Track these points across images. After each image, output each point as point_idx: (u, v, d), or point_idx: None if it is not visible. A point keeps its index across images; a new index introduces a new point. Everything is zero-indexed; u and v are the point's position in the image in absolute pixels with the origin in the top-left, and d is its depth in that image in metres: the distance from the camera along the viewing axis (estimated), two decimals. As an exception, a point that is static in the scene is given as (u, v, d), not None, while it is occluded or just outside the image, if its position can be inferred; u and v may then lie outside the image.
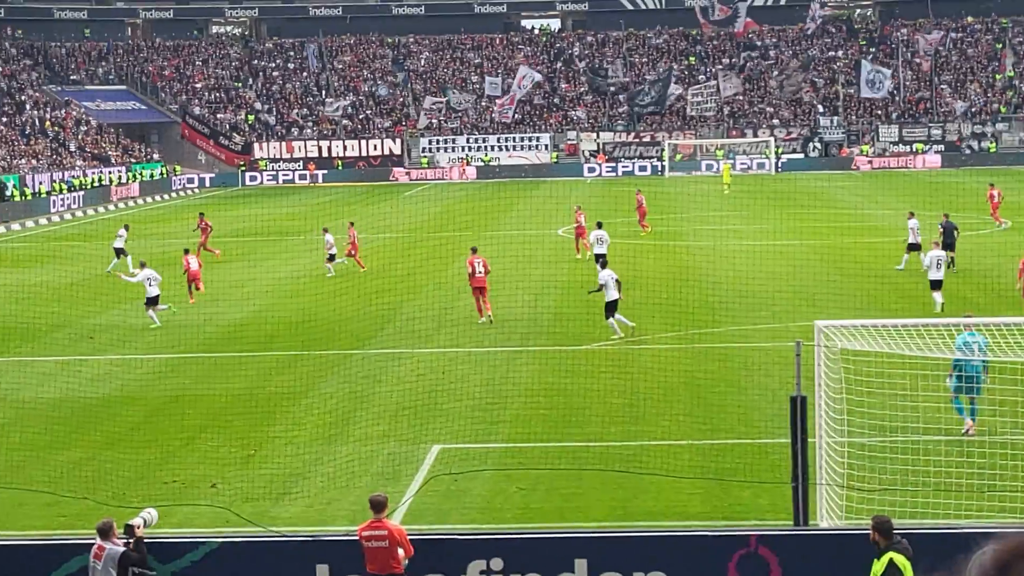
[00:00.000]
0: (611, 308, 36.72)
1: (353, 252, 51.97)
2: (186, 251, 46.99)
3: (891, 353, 20.37)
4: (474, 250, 40.94)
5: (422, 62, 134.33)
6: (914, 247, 48.03)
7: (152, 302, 40.97)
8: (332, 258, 51.36)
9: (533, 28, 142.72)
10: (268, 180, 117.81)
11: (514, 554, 17.32)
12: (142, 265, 42.51)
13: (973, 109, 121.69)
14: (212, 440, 27.00)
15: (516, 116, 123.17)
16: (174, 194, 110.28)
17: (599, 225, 50.94)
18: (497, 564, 17.28)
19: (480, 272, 39.89)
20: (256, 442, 26.63)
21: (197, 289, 45.29)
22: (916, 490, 21.07)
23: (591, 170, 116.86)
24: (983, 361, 24.04)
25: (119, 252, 54.13)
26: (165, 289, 42.49)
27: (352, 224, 53.68)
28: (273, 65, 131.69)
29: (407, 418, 27.94)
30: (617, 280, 36.86)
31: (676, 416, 27.58)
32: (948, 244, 46.40)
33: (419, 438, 26.32)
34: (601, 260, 42.53)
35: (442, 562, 17.29)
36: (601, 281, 36.87)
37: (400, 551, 16.44)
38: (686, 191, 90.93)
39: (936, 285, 39.98)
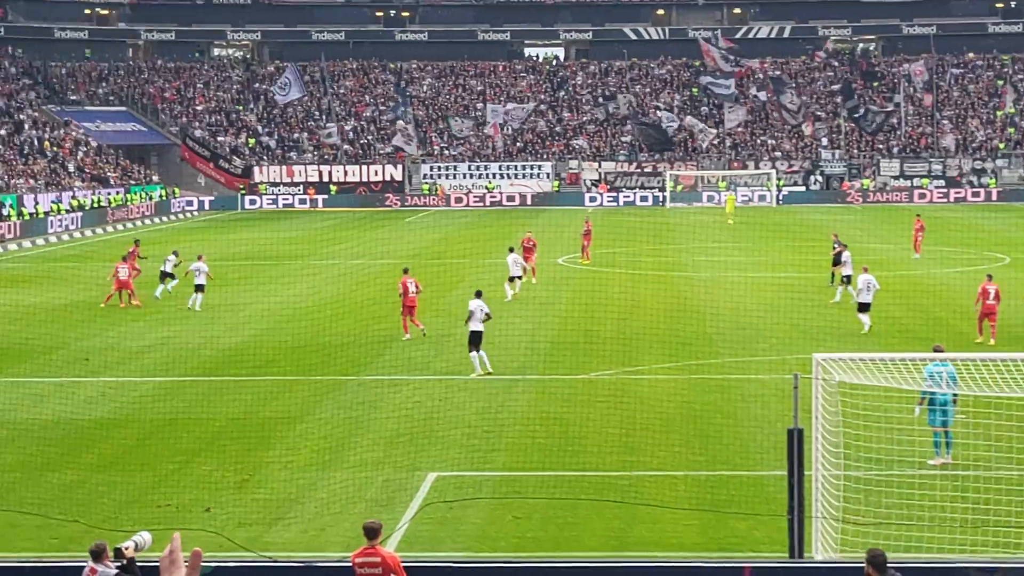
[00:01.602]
0: (474, 340, 35.85)
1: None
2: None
3: (888, 387, 20.35)
4: (406, 271, 43.05)
5: (424, 88, 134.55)
6: (847, 279, 48.34)
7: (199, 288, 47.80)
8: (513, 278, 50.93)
9: (536, 56, 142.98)
10: (268, 204, 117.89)
11: (508, 583, 17.26)
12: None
13: (974, 145, 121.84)
14: (206, 464, 26.92)
15: (518, 145, 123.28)
16: (173, 216, 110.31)
17: (511, 250, 51.20)
18: (491, 592, 17.22)
19: (413, 292, 41.83)
20: (251, 467, 26.56)
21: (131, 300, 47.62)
22: (911, 524, 21.03)
23: (592, 199, 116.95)
24: (953, 392, 23.97)
25: (165, 275, 52.38)
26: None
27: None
28: (275, 88, 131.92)
29: (403, 445, 27.88)
30: (488, 314, 36.05)
31: (673, 447, 27.53)
32: (837, 263, 50.39)
33: (415, 465, 26.25)
34: (515, 280, 49.09)
35: (435, 590, 17.23)
36: (471, 309, 36.04)
37: (394, 579, 16.36)
38: (687, 222, 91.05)
39: (864, 308, 41.58)
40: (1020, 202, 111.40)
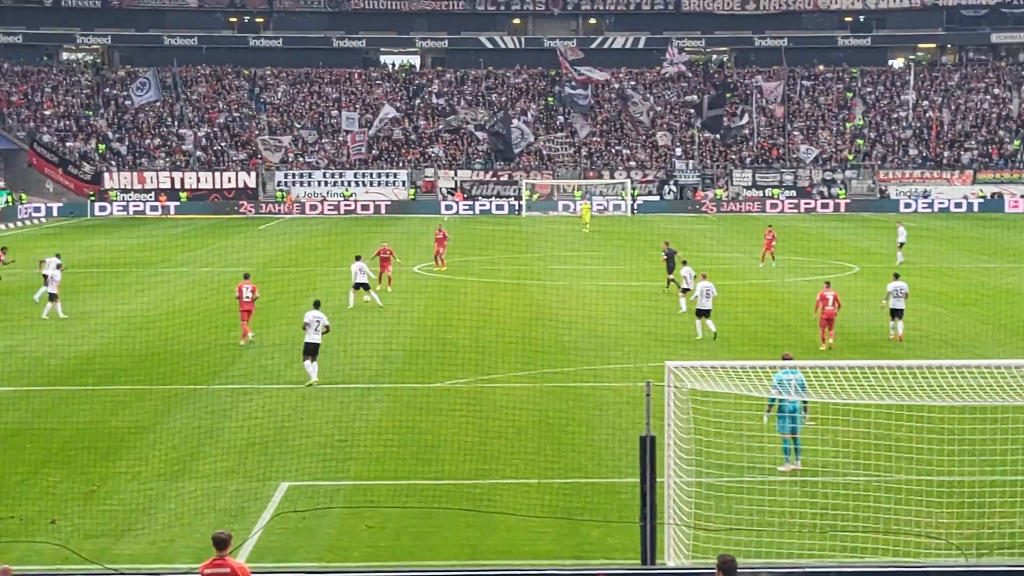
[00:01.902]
0: (309, 351, 35.51)
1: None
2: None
3: (739, 394, 20.55)
4: (246, 276, 43.25)
5: (279, 95, 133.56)
6: (685, 291, 48.92)
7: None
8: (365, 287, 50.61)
9: (392, 64, 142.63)
10: (119, 210, 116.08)
11: (360, 593, 17.13)
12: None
13: (824, 156, 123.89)
14: (53, 475, 26.39)
15: (374, 152, 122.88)
16: (20, 223, 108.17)
17: (357, 258, 51.22)
18: (343, 603, 17.07)
19: (248, 297, 41.99)
20: (99, 478, 26.09)
21: None
22: (761, 530, 21.25)
23: (449, 208, 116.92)
24: (803, 400, 24.30)
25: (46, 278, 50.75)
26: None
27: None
28: (125, 94, 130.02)
29: (255, 455, 27.58)
30: (327, 326, 35.66)
31: (527, 454, 27.55)
32: (670, 268, 54.59)
33: (267, 475, 25.99)
34: (362, 285, 49.88)
35: (287, 601, 17.04)
36: (306, 320, 35.69)
37: (243, 590, 16.17)
38: (542, 230, 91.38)
39: (704, 313, 42.71)
40: (868, 212, 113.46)
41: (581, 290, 55.81)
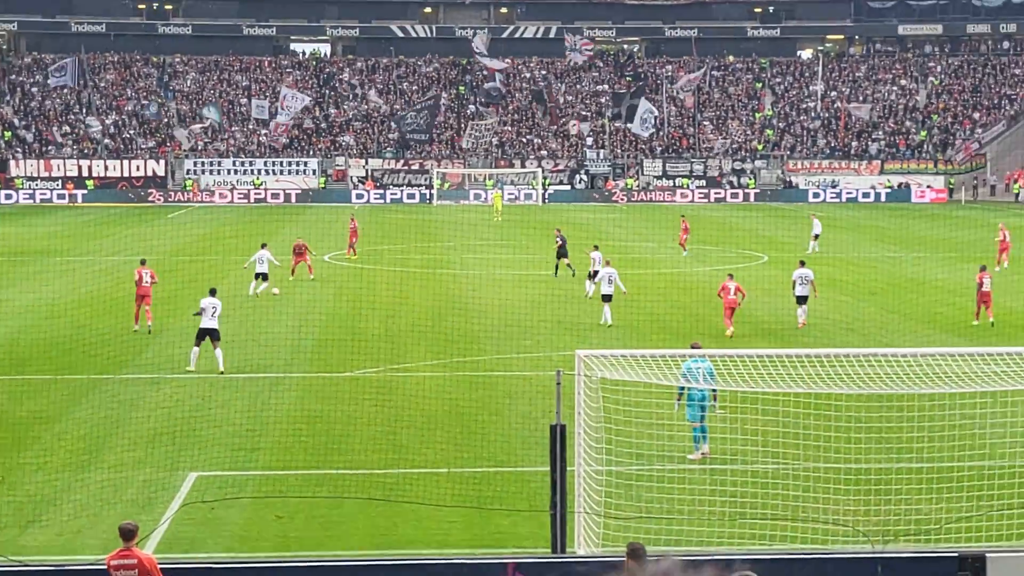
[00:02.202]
0: (201, 336, 35.48)
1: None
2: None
3: (649, 383, 20.64)
4: (143, 262, 43.54)
5: (188, 83, 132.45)
6: (593, 274, 49.15)
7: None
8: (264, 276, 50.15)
9: (303, 52, 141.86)
10: (24, 199, 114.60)
11: (269, 583, 17.04)
12: None
13: (733, 146, 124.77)
14: (-43, 466, 26.03)
15: (283, 141, 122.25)
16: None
17: (263, 245, 50.99)
18: (252, 593, 16.98)
19: (147, 282, 42.12)
20: (4, 469, 25.75)
21: None
22: (671, 518, 21.37)
23: (360, 196, 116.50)
24: (712, 388, 24.46)
25: None
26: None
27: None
28: (32, 81, 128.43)
29: (163, 445, 27.36)
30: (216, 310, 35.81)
31: (438, 444, 27.53)
32: (560, 254, 56.30)
33: (175, 465, 25.79)
34: (262, 275, 49.62)
35: (195, 592, 16.92)
36: (202, 306, 35.80)
37: (151, 581, 16.04)
38: (454, 219, 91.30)
39: (608, 299, 43.43)
40: (777, 202, 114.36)
41: (492, 279, 55.85)
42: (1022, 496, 22.44)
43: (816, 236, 68.23)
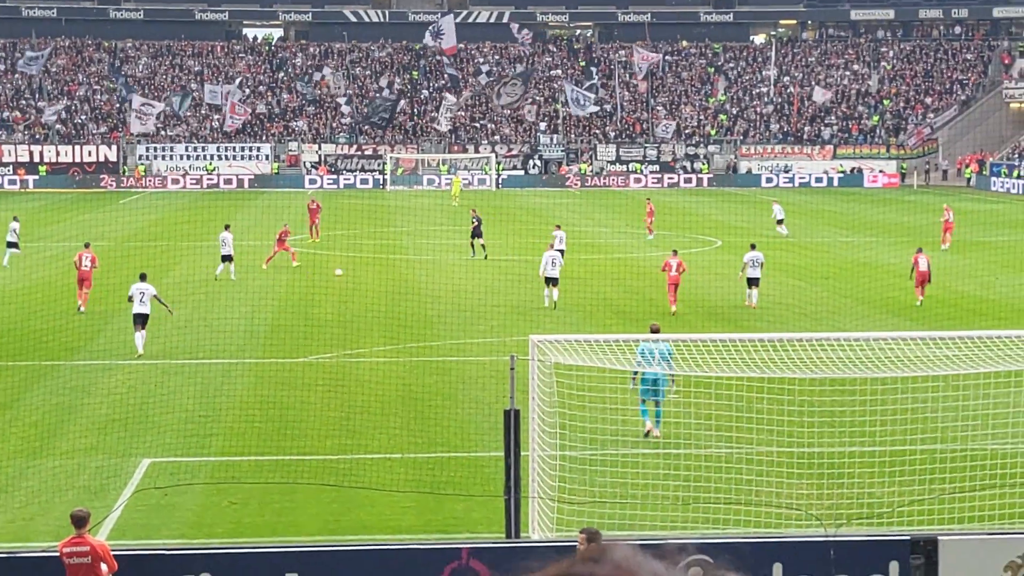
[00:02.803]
0: (136, 321, 35.76)
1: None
2: None
3: (603, 367, 20.68)
4: (87, 245, 44.59)
5: (140, 68, 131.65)
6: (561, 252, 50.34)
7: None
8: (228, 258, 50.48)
9: (255, 37, 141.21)
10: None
11: (223, 569, 17.00)
12: None
13: (687, 131, 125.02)
14: (-93, 454, 25.83)
15: (236, 126, 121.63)
16: None
17: (227, 227, 51.41)
18: (205, 580, 16.93)
19: (86, 266, 43.03)
20: (-45, 456, 25.59)
21: None
22: (625, 502, 21.41)
23: (313, 182, 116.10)
24: (668, 370, 24.51)
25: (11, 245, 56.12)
26: None
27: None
28: (27, 56, 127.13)
29: (116, 431, 27.24)
30: (154, 295, 36.01)
31: (392, 429, 27.52)
32: (475, 235, 58.59)
33: (128, 451, 25.68)
34: (227, 257, 49.98)
35: (148, 578, 16.86)
36: (130, 292, 36.14)
37: (103, 567, 16.00)
38: (407, 204, 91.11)
39: (552, 281, 43.88)
40: (731, 187, 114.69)
41: (446, 264, 55.83)
42: (974, 479, 22.61)
43: (780, 221, 68.59)
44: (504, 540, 18.76)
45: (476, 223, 58.58)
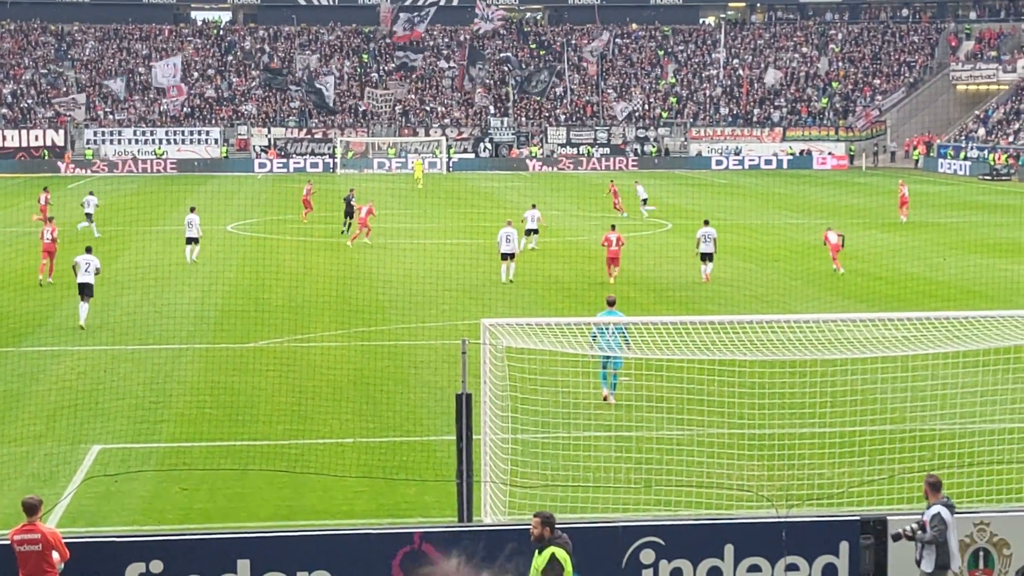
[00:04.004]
0: (81, 291, 37.39)
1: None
2: None
3: (554, 351, 20.69)
4: (51, 219, 47.88)
5: (87, 51, 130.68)
6: (533, 231, 53.84)
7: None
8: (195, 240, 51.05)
9: (203, 20, 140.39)
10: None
11: (175, 556, 16.93)
12: None
13: (637, 114, 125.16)
14: None
15: (185, 110, 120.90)
16: None
17: (192, 209, 51.55)
18: (157, 567, 16.86)
19: (47, 239, 44.59)
20: (-98, 444, 25.37)
21: None
22: (577, 485, 21.45)
23: (262, 166, 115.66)
24: (624, 340, 24.50)
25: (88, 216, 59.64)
26: None
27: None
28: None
29: (66, 417, 27.06)
30: (97, 268, 38.12)
31: (343, 414, 27.46)
32: (347, 213, 60.27)
33: (78, 438, 25.52)
34: (193, 240, 50.70)
35: (100, 565, 16.77)
36: (75, 260, 38.23)
37: (55, 555, 15.91)
38: (358, 188, 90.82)
39: (509, 256, 45.81)
40: (681, 170, 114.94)
41: (397, 248, 55.73)
42: (923, 460, 22.77)
43: (644, 200, 69.96)
44: (456, 524, 18.76)
45: (348, 203, 60.94)
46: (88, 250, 38.62)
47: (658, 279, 46.14)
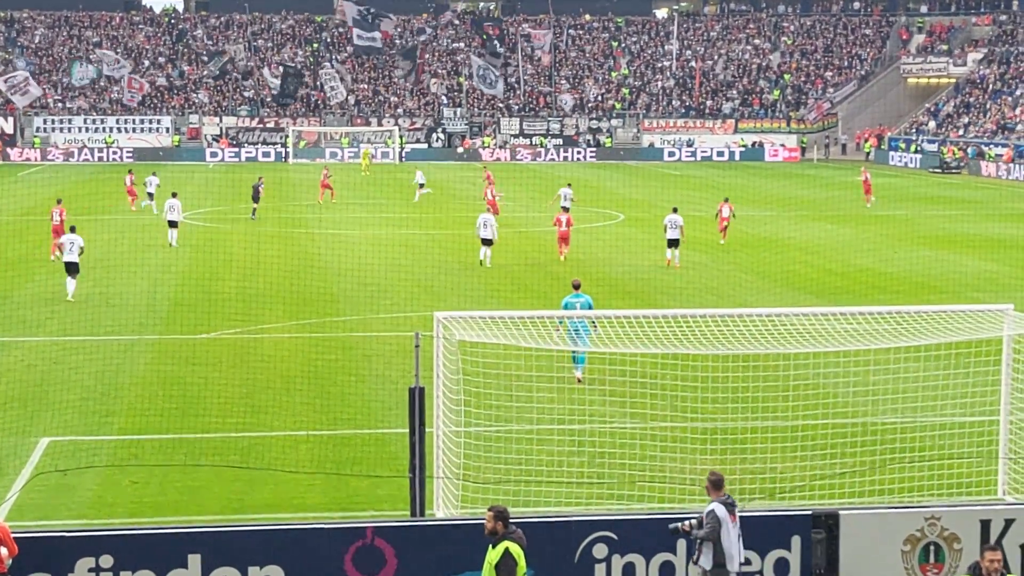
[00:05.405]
0: (67, 269, 39.41)
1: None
2: None
3: (507, 344, 20.64)
4: (59, 201, 49.11)
5: (37, 39, 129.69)
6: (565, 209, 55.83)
7: None
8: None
9: (155, 8, 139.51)
10: None
11: (125, 550, 16.80)
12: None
13: (590, 105, 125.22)
14: None
15: (137, 99, 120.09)
16: None
17: (174, 194, 53.18)
18: (107, 561, 16.72)
19: (56, 220, 46.75)
20: None
21: None
22: (529, 479, 21.43)
23: (214, 155, 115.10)
24: (591, 319, 24.48)
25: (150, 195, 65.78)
26: None
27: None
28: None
29: (14, 410, 26.84)
30: (81, 247, 39.73)
31: (295, 407, 27.35)
32: (255, 198, 63.41)
33: (27, 431, 25.31)
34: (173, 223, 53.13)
35: (49, 560, 16.62)
36: (60, 240, 41.08)
37: (3, 550, 15.76)
38: (310, 178, 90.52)
39: (487, 243, 47.48)
40: (634, 161, 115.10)
41: (350, 239, 55.55)
42: (875, 454, 22.87)
43: (421, 185, 73.09)
44: (409, 519, 18.70)
45: (256, 188, 64.10)
46: (72, 229, 40.95)
47: (611, 272, 46.15)
